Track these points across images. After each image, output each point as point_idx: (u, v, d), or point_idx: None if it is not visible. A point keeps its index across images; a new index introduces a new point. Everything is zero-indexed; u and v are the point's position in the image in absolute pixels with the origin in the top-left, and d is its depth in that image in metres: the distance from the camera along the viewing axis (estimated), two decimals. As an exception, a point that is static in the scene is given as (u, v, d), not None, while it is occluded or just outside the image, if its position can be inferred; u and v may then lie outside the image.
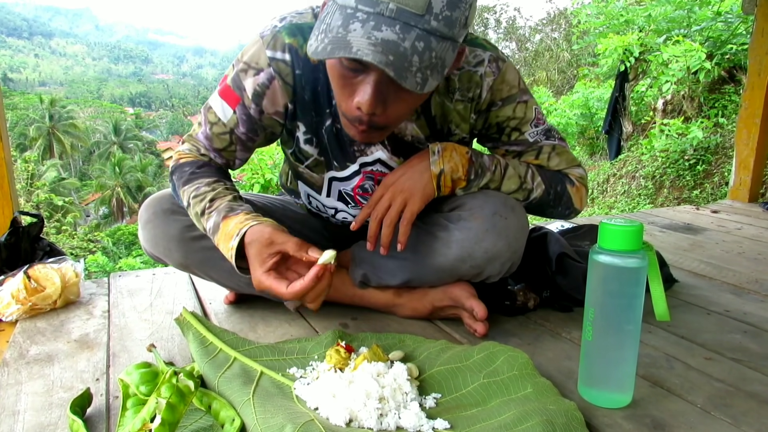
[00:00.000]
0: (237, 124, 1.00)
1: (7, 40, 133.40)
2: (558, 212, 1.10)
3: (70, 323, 1.14)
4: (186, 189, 0.99)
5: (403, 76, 0.73)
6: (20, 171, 17.24)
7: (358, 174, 1.07)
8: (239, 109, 0.99)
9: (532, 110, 1.04)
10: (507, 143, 1.06)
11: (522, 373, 0.82)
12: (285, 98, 0.99)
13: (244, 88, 0.98)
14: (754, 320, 1.17)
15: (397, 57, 0.72)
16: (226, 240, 0.91)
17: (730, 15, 6.31)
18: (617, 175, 7.42)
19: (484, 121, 1.05)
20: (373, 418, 0.73)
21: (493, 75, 0.99)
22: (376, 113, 0.81)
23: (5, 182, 1.60)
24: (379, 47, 0.71)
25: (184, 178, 1.00)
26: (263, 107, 0.99)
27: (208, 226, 0.95)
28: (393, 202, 0.98)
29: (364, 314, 1.14)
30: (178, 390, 0.70)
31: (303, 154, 1.06)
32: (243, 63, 0.97)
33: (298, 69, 0.96)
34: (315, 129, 1.02)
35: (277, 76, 0.96)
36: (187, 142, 1.06)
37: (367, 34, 0.72)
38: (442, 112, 1.01)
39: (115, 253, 16.24)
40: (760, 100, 2.49)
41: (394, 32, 0.72)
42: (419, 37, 0.73)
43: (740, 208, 2.45)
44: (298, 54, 0.95)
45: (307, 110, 1.00)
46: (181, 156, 1.05)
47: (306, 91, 0.98)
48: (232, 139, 1.02)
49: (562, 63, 12.86)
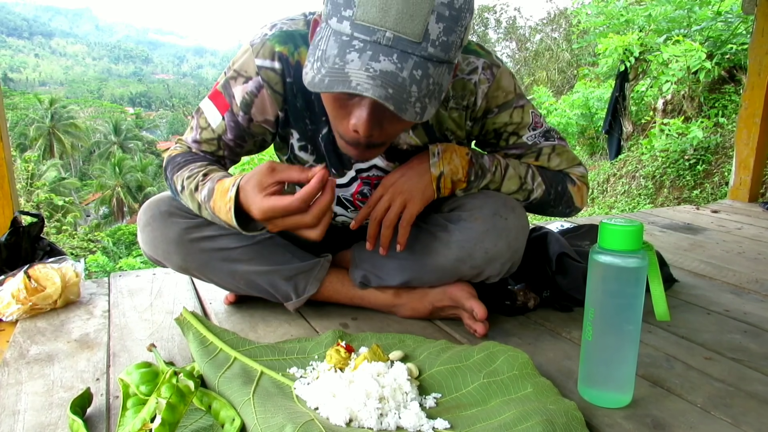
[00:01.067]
0: (225, 131, 1.00)
1: (7, 40, 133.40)
2: (559, 211, 1.10)
3: (70, 323, 1.14)
4: (179, 173, 0.99)
5: (403, 108, 0.72)
6: (20, 171, 17.24)
7: (356, 180, 1.07)
8: (228, 115, 0.99)
9: (529, 114, 1.04)
10: (505, 147, 1.06)
11: (522, 373, 0.82)
12: (275, 106, 0.98)
13: (233, 95, 0.98)
14: (754, 320, 1.17)
15: (396, 89, 0.71)
16: (223, 195, 0.88)
17: (730, 15, 6.31)
18: (617, 174, 7.42)
19: (480, 127, 1.04)
20: (373, 418, 0.73)
21: (488, 82, 0.98)
22: (373, 135, 0.81)
23: (5, 182, 1.60)
24: (378, 80, 0.70)
25: (177, 165, 1.01)
26: (252, 115, 0.99)
27: (202, 195, 0.92)
28: (392, 203, 0.97)
29: (364, 314, 1.14)
30: (178, 390, 0.70)
31: (298, 160, 1.06)
32: (233, 70, 0.97)
33: (289, 77, 0.95)
34: (311, 137, 1.02)
35: (266, 84, 0.95)
36: (178, 143, 1.07)
37: (365, 65, 0.71)
38: (438, 120, 1.01)
39: (116, 253, 16.25)
40: (760, 99, 2.49)
41: (392, 62, 0.71)
42: (416, 65, 0.73)
43: (740, 208, 2.45)
44: (289, 62, 0.94)
45: (299, 117, 1.00)
46: (172, 152, 1.06)
47: (298, 99, 0.97)
48: (220, 145, 1.02)
49: (562, 63, 12.85)
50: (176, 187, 1.00)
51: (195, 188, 0.95)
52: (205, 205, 0.93)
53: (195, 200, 0.95)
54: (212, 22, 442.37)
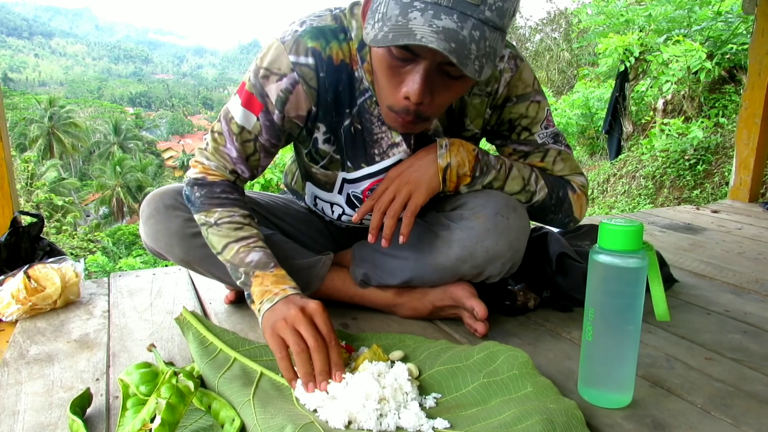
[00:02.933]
0: (260, 131, 0.98)
1: (7, 40, 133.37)
2: (558, 219, 1.10)
3: (70, 323, 1.14)
4: (220, 211, 0.97)
5: (464, 63, 0.75)
6: (20, 171, 17.24)
7: (373, 177, 1.05)
8: (262, 115, 0.97)
9: (543, 111, 1.06)
10: (516, 141, 1.07)
11: (522, 373, 0.82)
12: (309, 102, 0.97)
13: (267, 95, 0.95)
14: (754, 320, 1.17)
15: (458, 44, 0.74)
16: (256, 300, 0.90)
17: (730, 15, 6.31)
18: (617, 174, 7.41)
19: (497, 116, 1.06)
20: (372, 419, 0.73)
21: (511, 71, 1.01)
22: (424, 102, 0.83)
23: (5, 182, 1.60)
24: (441, 35, 0.74)
25: (215, 198, 0.98)
26: (285, 112, 0.97)
27: (238, 273, 0.93)
28: (397, 193, 0.97)
29: (365, 314, 1.14)
30: (178, 390, 0.70)
31: (319, 153, 1.05)
32: (264, 69, 0.95)
33: (321, 72, 0.95)
34: (334, 128, 1.02)
35: (302, 80, 0.94)
36: (212, 158, 1.00)
37: (428, 22, 0.74)
38: (461, 105, 1.03)
39: (115, 253, 16.24)
40: (761, 99, 2.49)
41: (453, 21, 0.74)
42: (475, 26, 0.75)
43: (740, 208, 2.45)
44: (321, 57, 0.94)
45: (328, 111, 0.99)
46: (208, 172, 1.01)
47: (329, 93, 0.97)
48: (256, 147, 1.00)
49: (562, 63, 12.85)
50: (202, 216, 0.98)
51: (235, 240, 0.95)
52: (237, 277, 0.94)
53: (224, 258, 0.96)
54: (212, 22, 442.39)
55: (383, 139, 1.01)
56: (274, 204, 1.22)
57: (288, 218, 1.21)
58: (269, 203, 1.22)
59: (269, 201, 1.23)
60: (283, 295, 0.88)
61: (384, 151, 1.03)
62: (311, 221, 1.24)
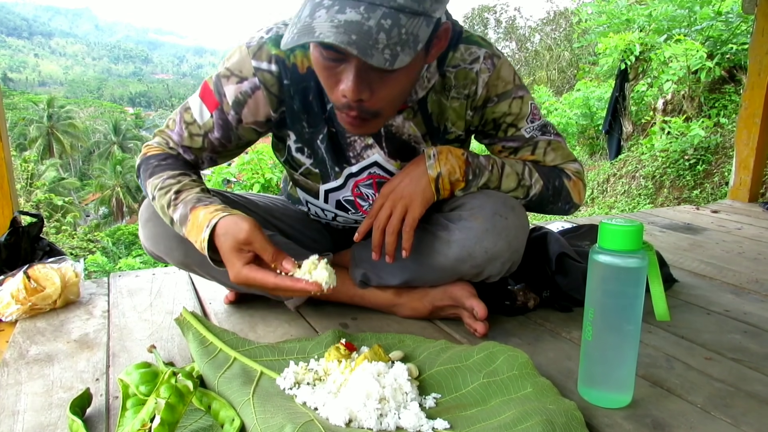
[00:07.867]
0: (212, 129, 1.00)
1: (7, 40, 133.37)
2: (558, 207, 1.10)
3: (69, 323, 1.14)
4: (151, 181, 0.98)
5: (368, 53, 0.73)
6: (20, 171, 17.24)
7: (357, 176, 1.06)
8: (216, 113, 0.99)
9: (527, 106, 1.04)
10: (503, 139, 1.06)
11: (522, 373, 0.82)
12: (267, 108, 0.99)
13: (224, 94, 0.98)
14: (754, 320, 1.17)
15: (361, 36, 0.73)
16: (197, 230, 0.89)
17: (730, 14, 6.32)
18: (617, 174, 7.41)
19: (480, 117, 1.05)
20: (372, 419, 0.73)
21: (489, 71, 0.99)
22: (363, 98, 0.82)
23: (5, 182, 1.60)
24: (341, 28, 0.72)
25: (150, 170, 1.00)
26: (242, 116, 0.99)
27: (175, 216, 0.93)
28: (394, 210, 0.98)
29: (364, 314, 1.14)
30: (177, 390, 0.70)
31: (296, 161, 1.07)
32: (225, 69, 0.97)
33: (286, 79, 0.96)
34: (308, 140, 1.03)
35: (262, 86, 0.96)
36: (158, 136, 1.05)
37: (330, 18, 0.73)
38: (439, 110, 1.02)
39: (115, 253, 16.23)
40: (760, 99, 2.49)
41: (359, 13, 0.73)
42: (385, 15, 0.74)
43: (740, 208, 2.45)
44: (285, 64, 0.95)
45: (297, 119, 1.01)
46: (148, 149, 1.04)
47: (295, 101, 0.98)
48: (204, 143, 1.02)
49: (563, 63, 12.86)
50: (148, 192, 1.00)
51: (167, 205, 0.95)
52: (179, 227, 0.94)
53: (167, 215, 0.96)
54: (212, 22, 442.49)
55: (356, 142, 1.03)
56: (273, 206, 1.23)
57: (287, 219, 1.21)
58: (268, 205, 1.22)
59: (268, 203, 1.23)
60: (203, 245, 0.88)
61: (358, 153, 1.04)
62: (310, 222, 1.25)
